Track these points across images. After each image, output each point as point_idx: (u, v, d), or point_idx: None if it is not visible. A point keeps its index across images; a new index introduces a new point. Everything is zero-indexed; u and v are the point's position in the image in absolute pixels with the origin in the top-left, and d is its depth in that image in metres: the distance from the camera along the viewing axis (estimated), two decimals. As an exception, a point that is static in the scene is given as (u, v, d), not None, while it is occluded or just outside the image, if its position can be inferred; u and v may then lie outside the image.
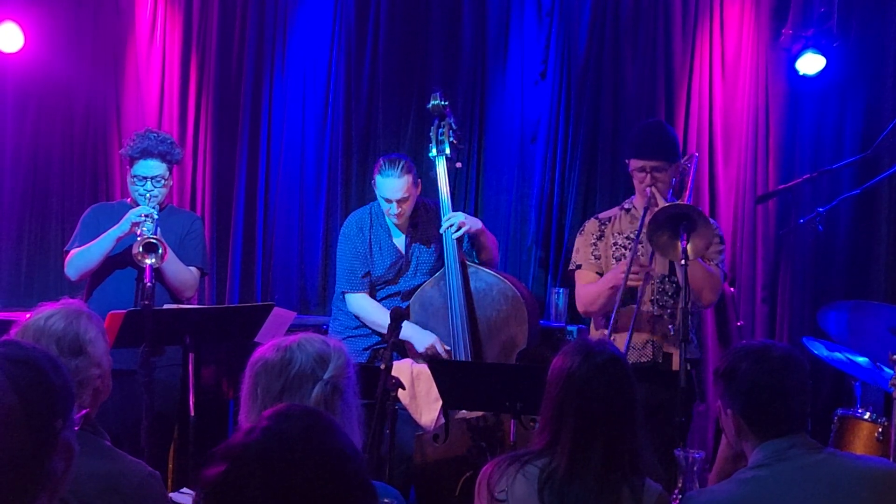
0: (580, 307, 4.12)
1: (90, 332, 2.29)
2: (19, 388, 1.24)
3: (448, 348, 4.18)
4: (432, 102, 4.33)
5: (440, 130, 4.31)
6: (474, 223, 4.30)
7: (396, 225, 4.33)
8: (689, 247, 3.55)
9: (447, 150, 4.30)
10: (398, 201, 4.19)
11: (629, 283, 3.75)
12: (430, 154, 4.33)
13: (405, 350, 4.28)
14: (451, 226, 4.18)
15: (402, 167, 4.17)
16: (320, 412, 1.36)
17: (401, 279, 4.35)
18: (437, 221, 4.30)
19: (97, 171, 5.40)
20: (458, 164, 4.57)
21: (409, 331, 4.15)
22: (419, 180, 4.32)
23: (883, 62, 4.93)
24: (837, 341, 4.09)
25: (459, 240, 4.24)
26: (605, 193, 5.14)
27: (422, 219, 4.39)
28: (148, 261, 3.83)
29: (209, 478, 1.26)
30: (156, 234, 3.91)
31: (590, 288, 4.00)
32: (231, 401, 4.73)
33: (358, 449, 1.30)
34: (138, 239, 3.89)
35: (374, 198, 4.59)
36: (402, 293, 4.36)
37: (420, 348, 4.16)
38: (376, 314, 4.26)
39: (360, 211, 4.47)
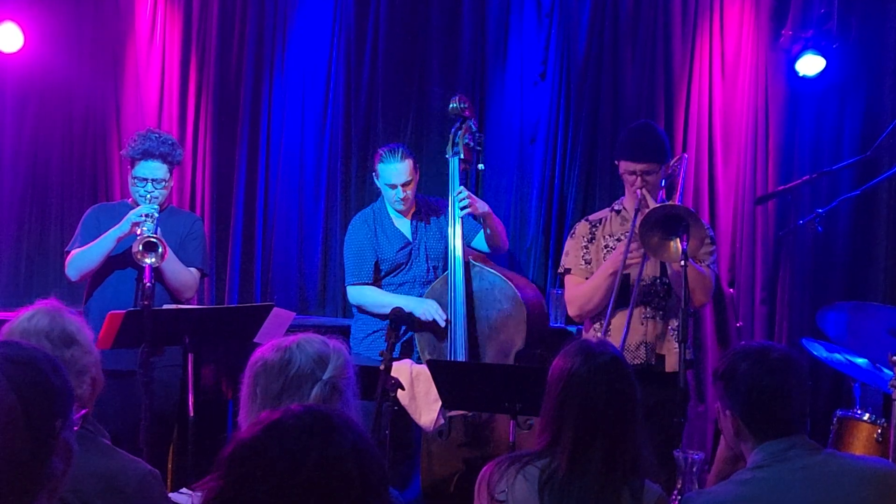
0: (573, 310, 4.08)
1: (74, 324, 2.30)
2: (19, 389, 1.24)
3: (448, 318, 4.20)
4: (452, 105, 4.43)
5: (458, 134, 4.41)
6: (482, 206, 4.38)
7: (400, 212, 4.43)
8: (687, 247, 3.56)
9: (461, 154, 4.39)
10: (403, 185, 4.34)
11: (629, 261, 3.75)
12: (447, 155, 4.42)
13: (411, 348, 4.32)
14: (462, 199, 4.25)
15: (402, 152, 4.36)
16: (341, 412, 1.37)
17: (413, 263, 4.42)
18: (439, 212, 4.49)
19: (96, 171, 5.40)
20: (481, 167, 4.68)
21: (406, 302, 4.19)
22: (418, 166, 4.48)
23: (882, 63, 4.93)
24: (837, 342, 4.09)
25: (463, 243, 4.32)
26: (605, 194, 5.14)
27: (423, 209, 4.52)
28: (147, 260, 3.82)
29: (242, 439, 1.26)
30: (156, 233, 3.91)
31: (584, 285, 3.98)
32: (230, 401, 4.74)
33: (374, 447, 1.31)
34: (138, 238, 3.88)
35: (374, 198, 4.64)
36: (417, 279, 4.41)
37: (420, 315, 4.19)
38: (378, 296, 4.32)
39: (363, 211, 4.60)
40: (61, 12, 5.34)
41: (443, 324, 4.19)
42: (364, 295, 4.38)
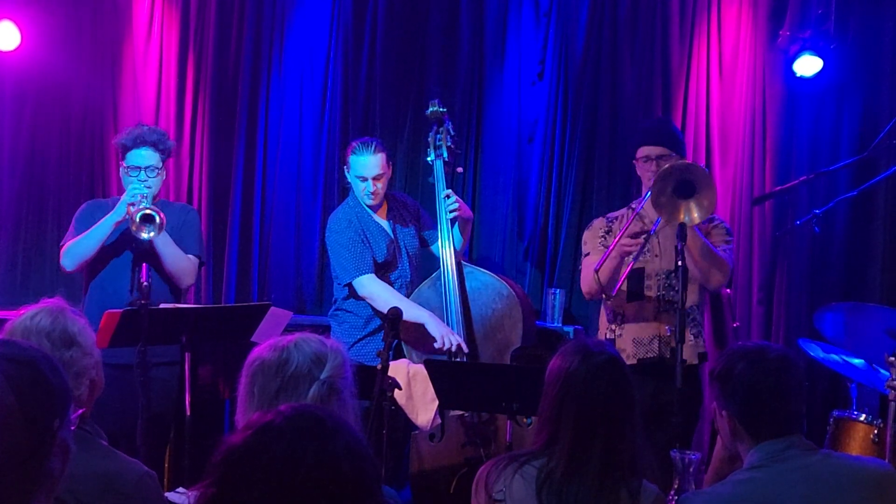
0: (584, 287, 4.08)
1: (77, 325, 2.30)
2: (17, 388, 1.24)
3: (461, 341, 4.14)
4: (431, 109, 4.42)
5: (438, 136, 4.39)
6: (467, 211, 4.42)
7: (371, 206, 4.36)
8: (694, 213, 3.59)
9: (445, 155, 4.38)
10: (373, 178, 4.27)
11: (624, 247, 3.78)
12: (429, 158, 4.39)
13: (401, 349, 4.30)
14: (452, 203, 4.25)
15: (375, 146, 4.29)
16: (332, 412, 1.36)
17: (399, 262, 4.38)
18: (409, 208, 4.49)
19: (94, 169, 5.39)
20: (460, 169, 4.64)
21: (424, 314, 4.12)
22: (391, 161, 4.42)
23: (880, 64, 4.94)
24: (834, 343, 4.09)
25: (455, 247, 4.31)
26: (602, 194, 5.15)
27: (395, 205, 4.48)
28: (145, 234, 3.83)
29: (233, 444, 1.26)
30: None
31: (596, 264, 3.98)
32: (227, 400, 4.73)
33: (367, 448, 1.30)
34: (134, 211, 3.88)
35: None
36: (403, 280, 4.38)
37: (434, 334, 4.09)
38: (389, 295, 4.16)
39: (341, 210, 4.48)
40: (58, 10, 5.33)
41: (455, 348, 4.10)
42: (375, 291, 4.20)
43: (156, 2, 5.37)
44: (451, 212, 4.27)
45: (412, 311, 4.06)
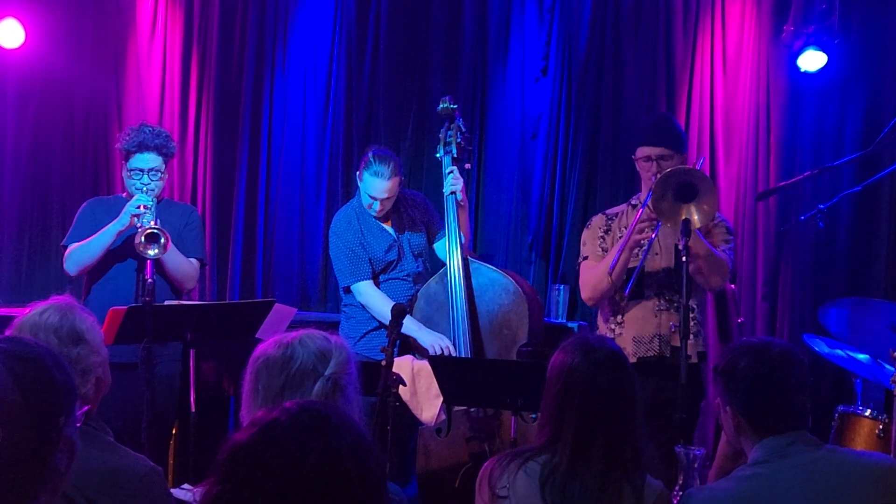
0: (586, 292, 4.05)
1: (85, 322, 2.31)
2: (23, 386, 1.25)
3: (450, 345, 4.18)
4: (442, 105, 4.40)
5: (448, 133, 4.37)
6: (463, 196, 4.37)
7: (376, 217, 4.38)
8: (695, 216, 3.56)
9: (454, 152, 4.35)
10: (382, 200, 4.27)
11: (636, 235, 3.76)
12: (437, 154, 4.38)
13: (408, 345, 4.30)
14: (454, 192, 4.27)
15: (392, 168, 4.23)
16: (337, 408, 1.37)
17: (403, 259, 4.39)
18: (417, 205, 4.47)
19: (98, 167, 5.41)
20: (468, 166, 4.63)
21: (413, 327, 4.18)
22: (403, 179, 4.39)
23: (884, 59, 4.92)
24: (838, 338, 4.09)
25: (462, 242, 4.31)
26: (606, 190, 5.14)
27: (402, 204, 4.46)
28: (150, 252, 3.83)
29: (238, 442, 1.26)
30: (156, 223, 3.91)
31: (598, 266, 3.95)
32: (232, 397, 4.74)
33: (372, 445, 1.31)
34: (139, 230, 3.88)
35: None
36: (410, 275, 4.39)
37: (425, 345, 4.16)
38: (383, 305, 4.20)
39: (343, 210, 4.49)
40: (62, 8, 5.34)
41: (447, 353, 4.14)
42: (371, 298, 4.27)
43: (159, 0, 5.38)
44: (454, 183, 4.25)
45: (409, 328, 4.08)
